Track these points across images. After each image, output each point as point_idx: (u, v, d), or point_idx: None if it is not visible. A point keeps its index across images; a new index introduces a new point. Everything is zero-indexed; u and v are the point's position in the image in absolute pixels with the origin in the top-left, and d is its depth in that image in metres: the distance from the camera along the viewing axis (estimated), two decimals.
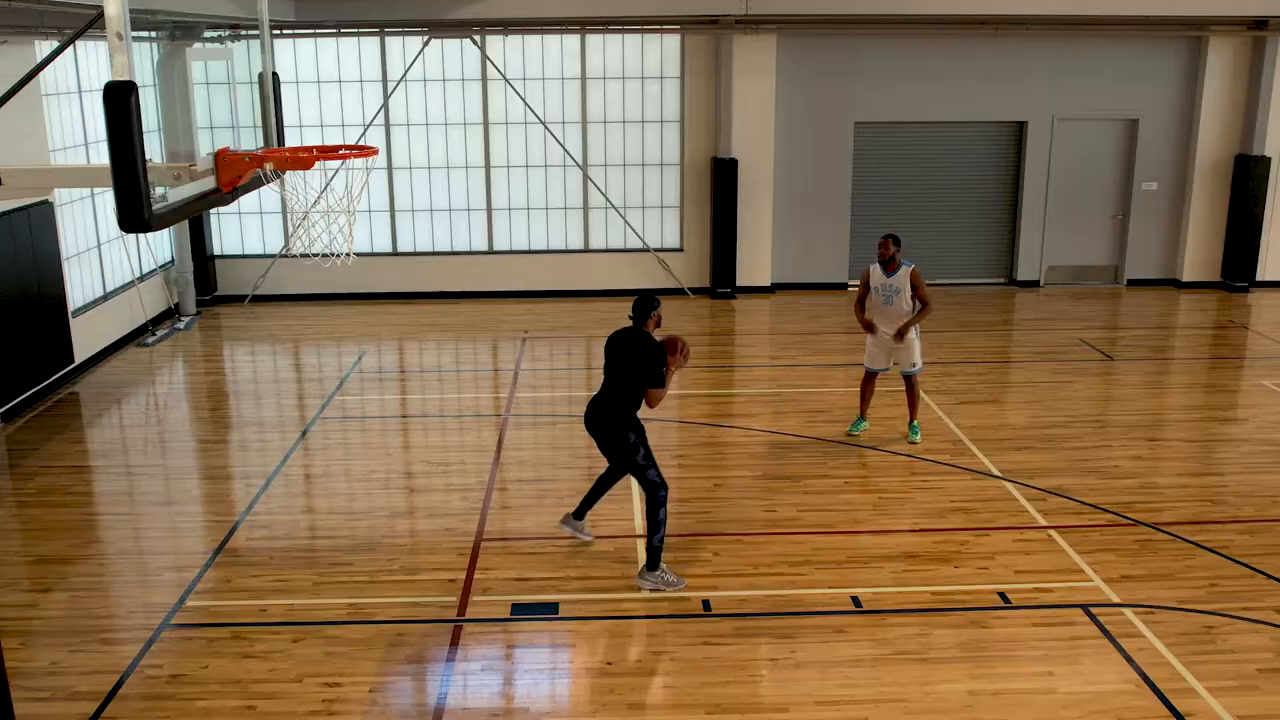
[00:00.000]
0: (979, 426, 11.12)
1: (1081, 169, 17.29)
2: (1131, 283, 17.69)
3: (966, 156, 17.31)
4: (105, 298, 14.16)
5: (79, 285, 13.50)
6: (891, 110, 16.85)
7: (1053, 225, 17.47)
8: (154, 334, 14.91)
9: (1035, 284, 17.67)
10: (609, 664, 6.91)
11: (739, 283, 17.04)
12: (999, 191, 17.51)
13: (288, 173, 5.91)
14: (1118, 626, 7.27)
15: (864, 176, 17.14)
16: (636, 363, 7.70)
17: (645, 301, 7.86)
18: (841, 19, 15.98)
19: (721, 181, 16.48)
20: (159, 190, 4.71)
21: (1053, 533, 8.70)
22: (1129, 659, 6.89)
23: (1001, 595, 7.71)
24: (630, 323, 7.88)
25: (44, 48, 12.07)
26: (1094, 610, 7.47)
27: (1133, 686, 6.61)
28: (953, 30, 16.41)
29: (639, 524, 8.90)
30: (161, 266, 15.76)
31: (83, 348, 13.24)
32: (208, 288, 16.66)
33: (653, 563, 7.80)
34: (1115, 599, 7.64)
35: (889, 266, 10.30)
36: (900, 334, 10.33)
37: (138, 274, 15.00)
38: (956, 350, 13.86)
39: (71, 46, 10.09)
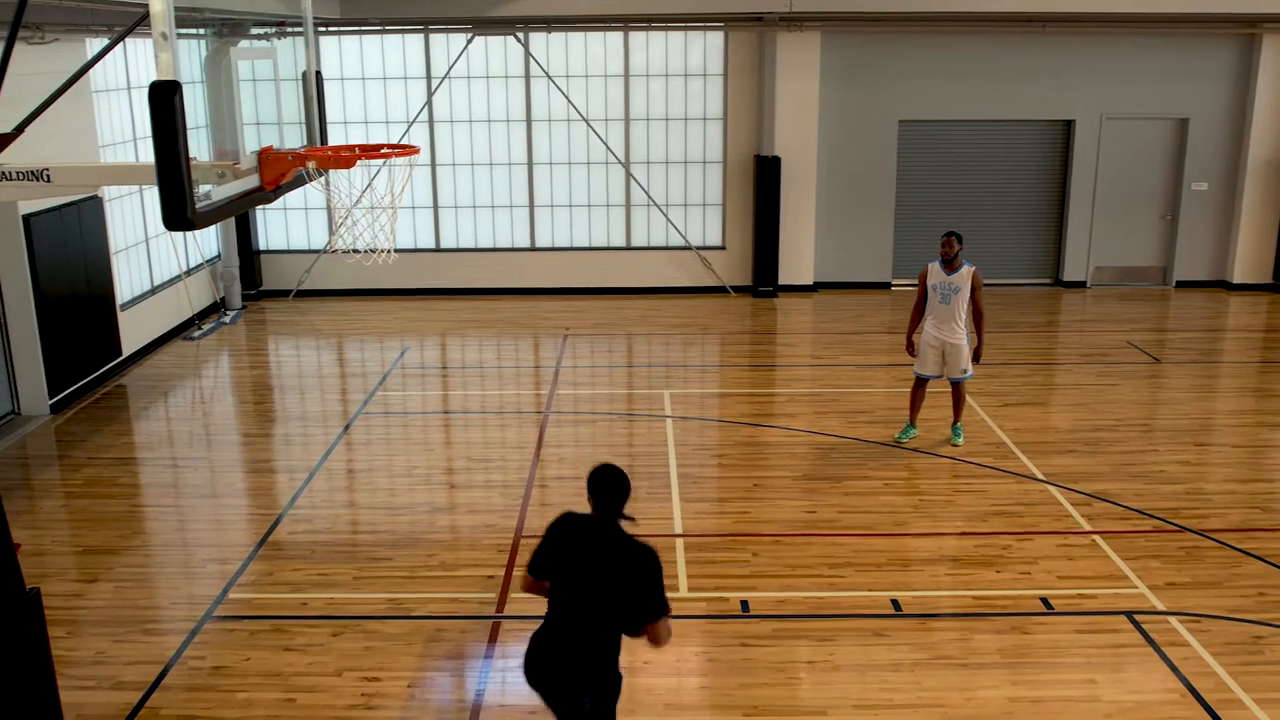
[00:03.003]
0: (1023, 429, 11.00)
1: (1130, 168, 17.05)
2: (1180, 284, 17.43)
3: (1012, 155, 17.12)
4: (152, 292, 14.34)
5: (127, 279, 13.67)
6: (936, 109, 16.70)
7: (1100, 225, 17.25)
8: (200, 328, 15.07)
9: (1082, 285, 17.46)
10: (646, 663, 6.90)
11: (781, 281, 16.97)
12: (1045, 191, 17.31)
13: (330, 171, 5.94)
14: (1163, 635, 7.16)
15: (908, 175, 17.01)
16: (631, 584, 4.91)
17: (620, 481, 5.02)
18: (886, 16, 15.86)
19: (764, 179, 16.41)
20: (203, 189, 4.75)
21: (1097, 538, 8.59)
22: (1174, 668, 6.78)
23: (1044, 601, 7.62)
24: (590, 509, 5.07)
25: (94, 45, 12.21)
26: (1138, 618, 7.37)
27: (1177, 696, 6.51)
28: (999, 28, 16.23)
29: (679, 523, 8.89)
30: (208, 261, 15.94)
31: (130, 341, 13.41)
32: (253, 282, 16.83)
33: None
34: (1160, 606, 7.53)
35: (951, 265, 10.19)
36: (977, 357, 10.34)
37: (184, 269, 15.18)
38: (1001, 352, 13.71)
39: (121, 44, 10.20)
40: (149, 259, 14.36)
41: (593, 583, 4.90)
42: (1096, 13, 15.64)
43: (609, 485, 4.95)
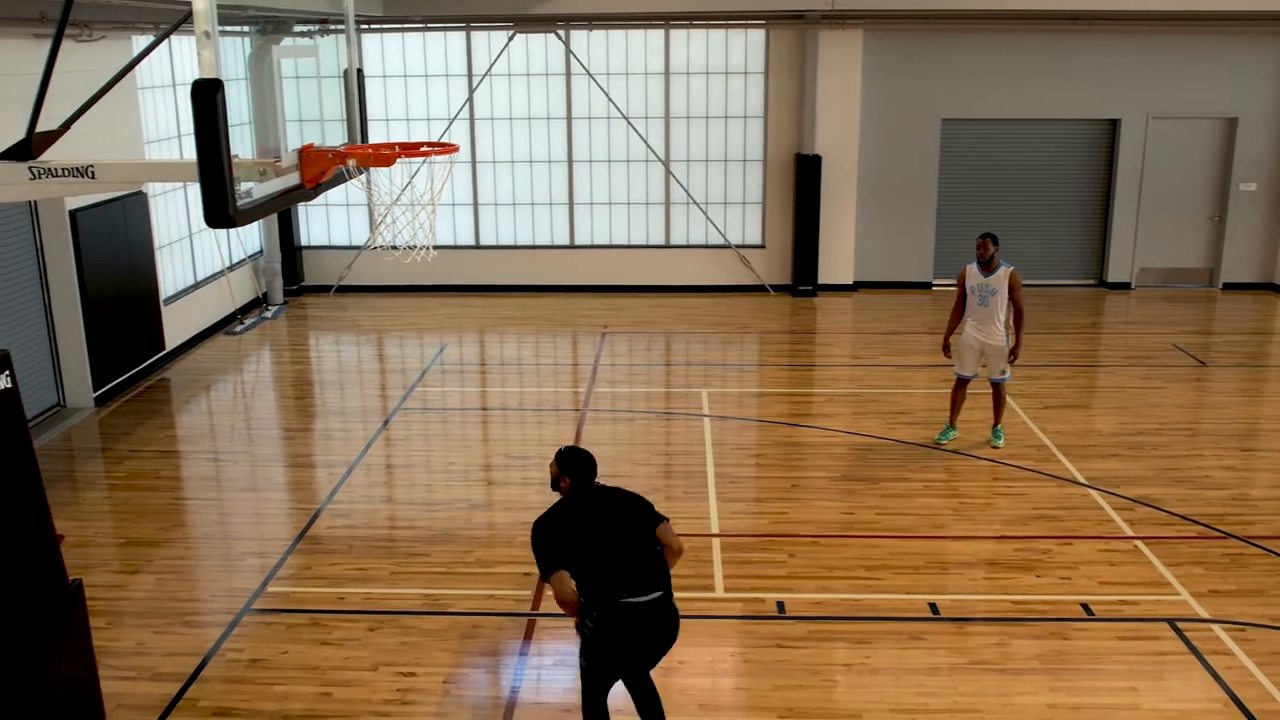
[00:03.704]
0: (1065, 432, 10.88)
1: (1176, 168, 16.81)
2: (1227, 286, 17.16)
3: (1056, 155, 16.94)
4: (195, 286, 14.49)
5: (171, 274, 13.82)
6: (979, 107, 16.56)
7: (1145, 226, 17.02)
8: (242, 322, 15.21)
9: (1126, 286, 17.24)
10: (681, 663, 6.88)
11: (821, 280, 16.89)
12: (1090, 191, 17.11)
13: (370, 169, 5.97)
14: (1206, 643, 7.05)
15: (950, 174, 16.87)
16: (639, 515, 5.63)
17: (589, 456, 5.83)
18: (929, 14, 15.74)
19: (805, 178, 16.33)
20: (244, 186, 4.78)
21: (1139, 544, 8.47)
22: (1217, 677, 6.68)
23: (1084, 606, 7.53)
24: (569, 489, 5.73)
25: (140, 42, 12.34)
26: (1181, 625, 7.26)
27: (1220, 706, 6.41)
28: (1043, 25, 16.05)
29: (716, 523, 8.87)
30: (250, 257, 16.09)
31: (173, 335, 13.56)
32: (295, 278, 16.97)
33: None
34: (1204, 614, 7.42)
35: (988, 266, 10.10)
36: (1013, 357, 10.22)
37: (227, 264, 15.32)
38: (1043, 353, 13.57)
39: (165, 41, 10.31)
40: (192, 254, 14.51)
41: (622, 534, 5.50)
42: (1143, 10, 15.44)
43: (585, 460, 5.71)
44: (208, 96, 4.38)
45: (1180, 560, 8.17)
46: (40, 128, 5.26)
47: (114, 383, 12.16)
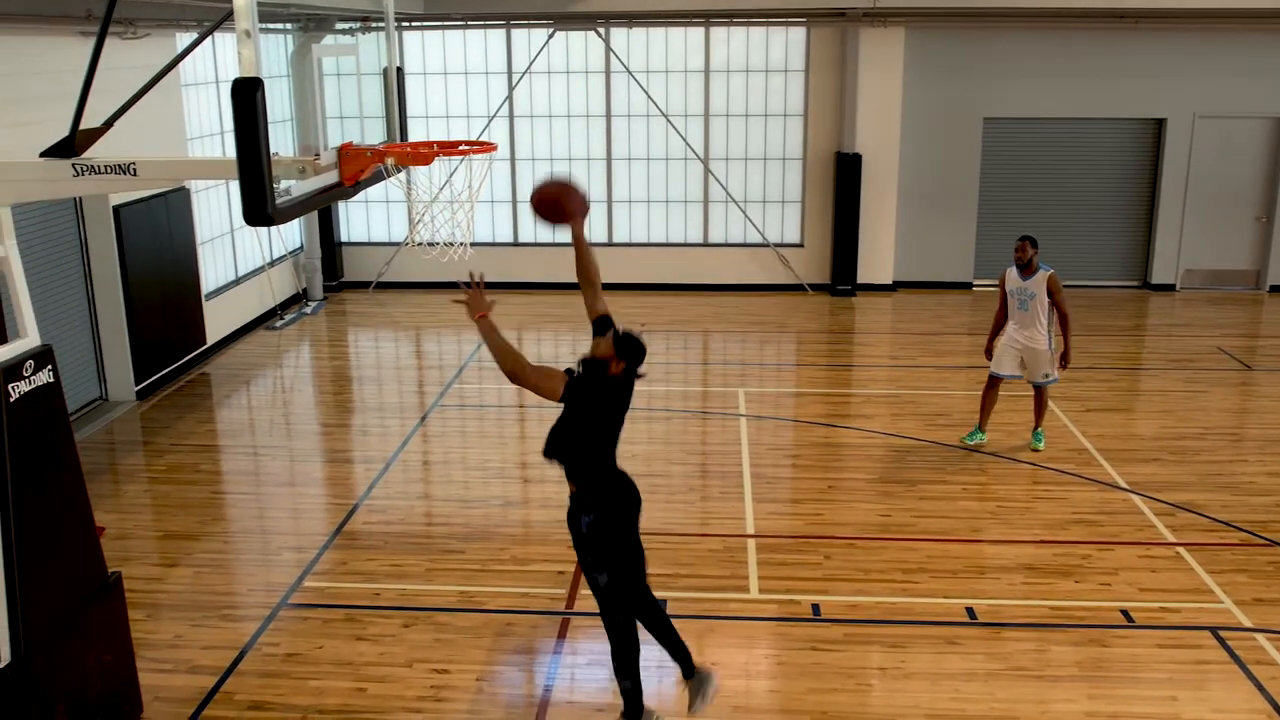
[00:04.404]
0: (1106, 436, 10.75)
1: (1223, 168, 16.56)
2: (1275, 289, 16.88)
3: (1100, 154, 16.73)
4: (236, 282, 14.61)
5: (212, 269, 13.95)
6: (1022, 106, 16.39)
7: (1191, 227, 16.79)
8: (282, 318, 15.33)
9: (1171, 288, 17.01)
10: (714, 664, 6.84)
11: (860, 280, 16.79)
12: (1134, 191, 16.89)
13: (408, 167, 5.99)
14: (1249, 652, 6.94)
15: (992, 174, 16.71)
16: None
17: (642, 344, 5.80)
18: (972, 12, 15.60)
19: (845, 176, 16.24)
20: (283, 185, 4.80)
21: (1181, 550, 8.35)
22: (1260, 687, 6.57)
23: (1124, 613, 7.43)
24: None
25: (184, 39, 12.46)
26: (1223, 634, 7.15)
27: (1264, 717, 6.30)
28: (1088, 24, 15.86)
29: (751, 524, 8.83)
30: (291, 253, 16.21)
31: (214, 330, 13.68)
32: (334, 274, 17.08)
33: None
34: (1247, 623, 7.29)
35: (1026, 269, 9.99)
36: (1064, 364, 10.12)
37: (268, 259, 15.44)
38: (1085, 355, 13.40)
39: (209, 38, 10.40)
40: (234, 250, 14.64)
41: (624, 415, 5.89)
42: (1191, 8, 15.21)
43: (641, 350, 5.72)
44: (247, 95, 4.40)
45: (1223, 567, 8.04)
46: (85, 125, 5.32)
47: (155, 377, 12.28)
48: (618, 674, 6.03)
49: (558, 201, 6.13)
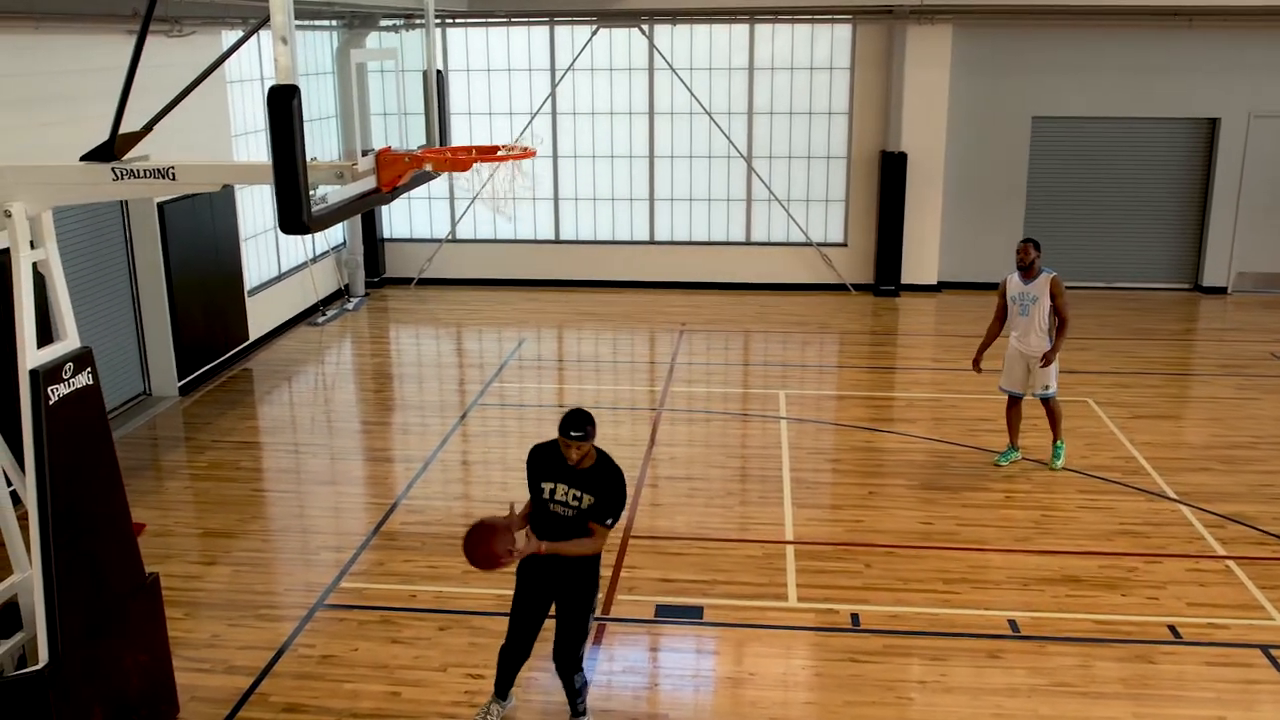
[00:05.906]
0: (1154, 444, 10.54)
1: (1278, 169, 16.22)
2: None
3: (1152, 154, 16.44)
4: (279, 278, 14.69)
5: (255, 266, 14.03)
6: (1072, 105, 16.13)
7: (1244, 228, 16.45)
8: (324, 314, 15.39)
9: (1222, 290, 16.69)
10: (751, 674, 6.78)
11: (904, 280, 16.61)
12: (1186, 192, 16.59)
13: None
14: None
15: (1040, 174, 16.47)
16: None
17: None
18: (1022, 9, 15.37)
19: (889, 176, 16.07)
20: (319, 191, 4.77)
21: (1231, 564, 8.16)
22: None
23: (1171, 629, 7.27)
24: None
25: (230, 37, 12.52)
26: (1274, 652, 6.97)
27: None
28: (1140, 22, 15.58)
29: (790, 530, 8.74)
30: (333, 249, 16.27)
31: (257, 326, 13.76)
32: (376, 270, 17.14)
33: None
34: None
35: (1028, 272, 9.74)
36: (1046, 360, 9.60)
37: (310, 256, 15.51)
38: (1133, 360, 13.18)
39: (254, 36, 10.43)
40: (277, 246, 14.71)
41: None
42: (1245, 6, 14.88)
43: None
44: (283, 102, 4.36)
45: (1275, 583, 7.85)
46: (132, 123, 5.31)
47: (198, 372, 12.37)
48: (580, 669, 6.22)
49: (487, 546, 6.07)
